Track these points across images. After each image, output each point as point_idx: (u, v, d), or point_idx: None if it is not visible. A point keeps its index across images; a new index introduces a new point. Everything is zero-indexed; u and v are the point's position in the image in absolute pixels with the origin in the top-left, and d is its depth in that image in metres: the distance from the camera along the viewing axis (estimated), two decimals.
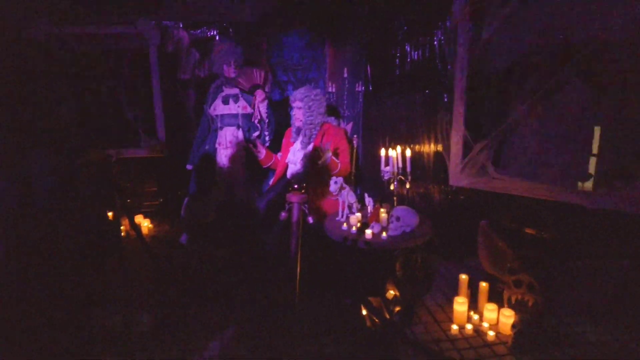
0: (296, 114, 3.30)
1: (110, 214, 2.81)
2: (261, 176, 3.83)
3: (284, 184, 3.26)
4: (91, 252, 1.48)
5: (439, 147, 3.16)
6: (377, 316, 2.00)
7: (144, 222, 4.30)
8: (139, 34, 4.23)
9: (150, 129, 4.54)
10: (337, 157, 3.19)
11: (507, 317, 2.38)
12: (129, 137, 4.47)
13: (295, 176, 3.24)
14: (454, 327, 2.45)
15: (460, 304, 2.51)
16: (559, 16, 2.64)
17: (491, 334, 2.37)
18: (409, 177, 2.80)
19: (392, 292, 2.62)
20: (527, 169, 2.94)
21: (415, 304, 2.62)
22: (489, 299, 2.56)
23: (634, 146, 2.47)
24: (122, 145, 4.38)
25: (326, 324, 2.58)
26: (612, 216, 2.31)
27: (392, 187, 2.82)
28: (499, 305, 2.47)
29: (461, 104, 2.91)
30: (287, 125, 3.53)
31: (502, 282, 2.56)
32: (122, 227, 3.14)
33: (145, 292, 3.00)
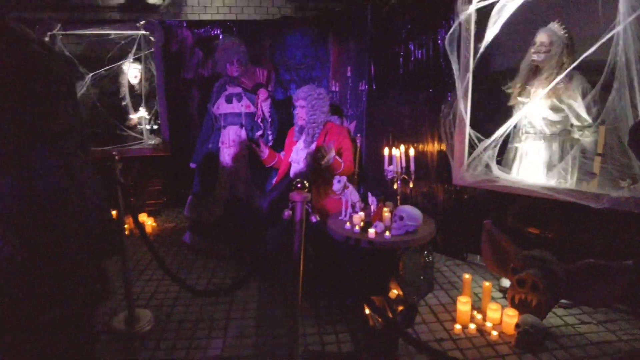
0: (299, 113, 3.29)
1: (114, 212, 2.82)
2: (264, 175, 3.83)
3: (287, 183, 3.25)
4: (94, 251, 1.48)
5: (443, 146, 3.15)
6: (380, 315, 2.00)
7: (148, 221, 4.32)
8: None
9: (154, 127, 4.57)
10: (340, 156, 3.19)
11: (511, 317, 2.37)
12: (132, 136, 4.49)
13: (298, 175, 3.23)
14: (457, 327, 2.45)
15: (463, 304, 2.50)
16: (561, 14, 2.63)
17: (494, 333, 2.37)
18: (413, 176, 2.79)
19: (395, 292, 2.62)
20: None
21: (418, 304, 2.62)
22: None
23: None
24: (126, 143, 4.40)
25: (329, 322, 2.58)
26: (616, 216, 2.29)
27: (395, 186, 2.81)
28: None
29: (465, 102, 2.90)
30: (290, 124, 3.52)
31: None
32: (126, 225, 3.15)
33: (148, 290, 3.02)
